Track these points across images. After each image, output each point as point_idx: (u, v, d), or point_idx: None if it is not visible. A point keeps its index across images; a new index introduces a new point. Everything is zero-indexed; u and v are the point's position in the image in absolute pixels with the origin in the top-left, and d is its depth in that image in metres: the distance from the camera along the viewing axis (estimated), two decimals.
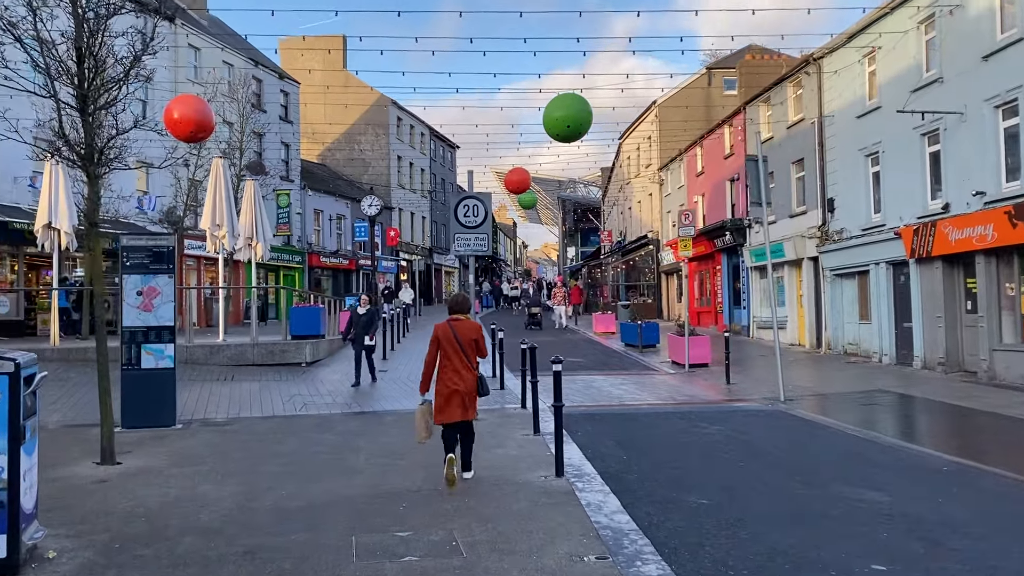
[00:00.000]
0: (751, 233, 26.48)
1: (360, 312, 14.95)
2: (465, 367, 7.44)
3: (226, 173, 19.07)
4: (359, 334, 14.67)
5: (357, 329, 14.70)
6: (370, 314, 15.00)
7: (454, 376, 7.37)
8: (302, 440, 9.84)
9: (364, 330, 14.67)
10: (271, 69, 37.98)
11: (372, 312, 15.17)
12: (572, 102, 11.19)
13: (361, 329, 14.66)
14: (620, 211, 49.25)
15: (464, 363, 7.44)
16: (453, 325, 7.53)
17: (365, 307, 15.15)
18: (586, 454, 8.80)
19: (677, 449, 9.42)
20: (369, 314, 14.97)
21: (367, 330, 14.75)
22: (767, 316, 25.84)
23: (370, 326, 14.91)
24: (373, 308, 15.29)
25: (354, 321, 14.79)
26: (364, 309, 15.03)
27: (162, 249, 11.17)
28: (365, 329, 14.69)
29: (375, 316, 15.24)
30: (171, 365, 11.07)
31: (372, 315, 15.07)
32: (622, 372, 18.32)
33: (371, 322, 14.97)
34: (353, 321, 14.82)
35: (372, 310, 15.26)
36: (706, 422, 11.39)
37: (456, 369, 7.39)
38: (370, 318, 14.90)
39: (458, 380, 7.37)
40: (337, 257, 42.27)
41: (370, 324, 14.91)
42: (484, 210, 11.59)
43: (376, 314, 15.31)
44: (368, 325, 14.84)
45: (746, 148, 26.92)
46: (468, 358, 7.47)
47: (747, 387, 15.73)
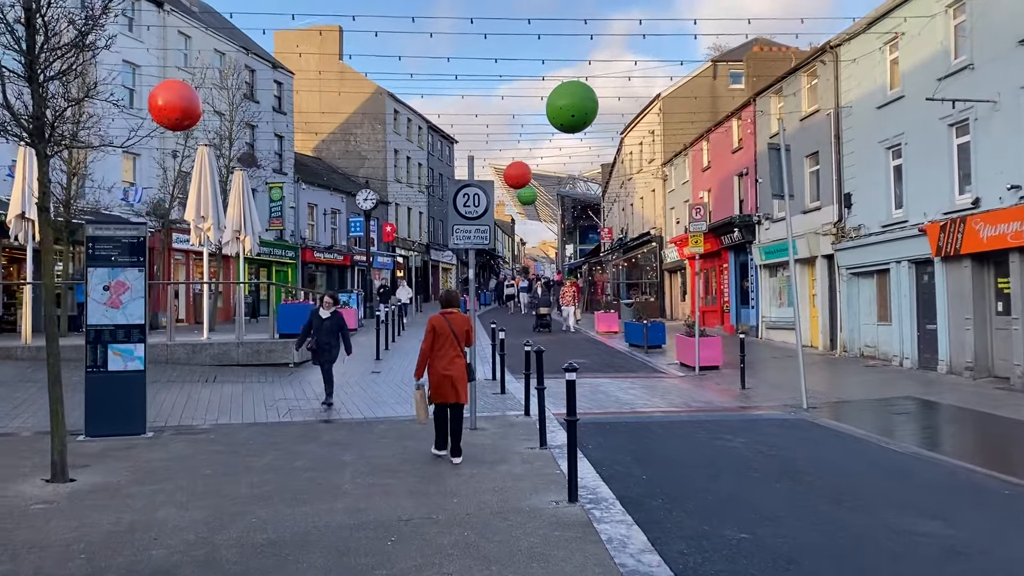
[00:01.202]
0: (760, 230, 25.49)
1: (323, 315, 12.09)
2: (458, 355, 8.32)
3: (212, 162, 18.04)
4: (323, 343, 11.96)
5: (320, 335, 11.98)
6: (338, 319, 12.19)
7: (448, 363, 8.21)
8: (282, 453, 8.83)
9: (330, 338, 12.02)
10: (264, 58, 36.91)
11: (339, 318, 12.27)
12: (577, 90, 10.37)
13: (326, 337, 12.00)
14: (621, 207, 48.24)
15: (457, 351, 8.31)
16: (448, 317, 8.42)
17: (330, 309, 12.20)
18: (600, 473, 7.81)
19: (702, 466, 8.42)
20: (337, 319, 12.17)
21: (334, 338, 12.05)
22: (776, 316, 24.87)
23: (338, 334, 12.08)
24: (340, 312, 12.43)
25: (315, 327, 12.04)
26: (329, 312, 12.15)
27: (132, 240, 10.16)
28: (332, 336, 12.05)
29: (343, 322, 12.34)
30: (141, 367, 10.07)
31: (340, 321, 12.24)
32: (629, 375, 17.33)
33: (339, 329, 12.12)
34: (314, 327, 12.03)
35: (339, 315, 12.33)
36: (728, 433, 10.41)
37: (450, 357, 8.25)
38: (338, 324, 12.15)
39: (451, 366, 8.22)
40: (332, 252, 41.24)
41: (338, 332, 12.11)
42: (486, 199, 10.57)
43: (343, 320, 12.34)
44: (334, 333, 12.07)
45: (756, 141, 25.94)
46: (460, 346, 8.35)
47: (764, 392, 14.75)
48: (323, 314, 12.09)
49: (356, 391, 13.68)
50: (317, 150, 48.08)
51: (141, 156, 27.37)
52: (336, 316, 12.14)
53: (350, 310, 26.18)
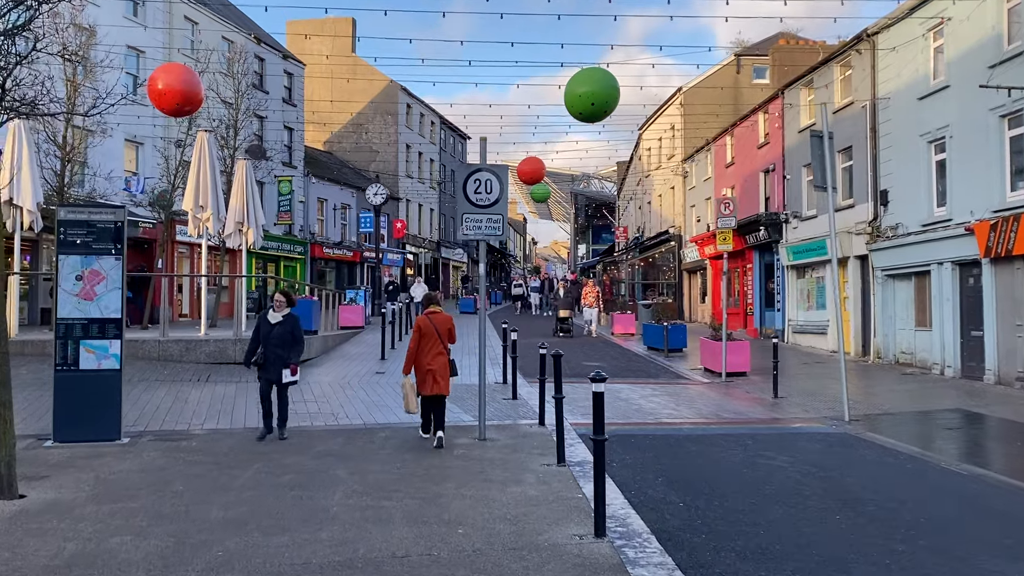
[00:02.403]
0: (788, 228, 24.30)
1: (272, 321, 9.30)
2: (440, 351, 9.04)
3: (212, 149, 17.11)
4: (271, 356, 9.20)
5: (268, 346, 9.21)
6: (291, 325, 9.36)
7: (431, 359, 8.96)
8: (268, 465, 7.82)
9: (281, 350, 9.22)
10: (275, 48, 36.00)
11: (293, 322, 9.43)
12: (597, 76, 9.47)
13: (275, 348, 9.20)
14: (638, 206, 47.07)
15: (440, 348, 9.04)
16: (431, 317, 9.17)
17: (281, 312, 9.38)
18: (630, 498, 6.76)
19: (745, 491, 7.34)
20: (289, 325, 9.34)
21: (285, 350, 9.24)
22: (804, 320, 23.69)
23: (290, 345, 9.30)
24: (295, 315, 9.58)
25: (262, 335, 9.31)
26: (280, 316, 9.34)
27: (108, 225, 9.19)
28: (282, 348, 9.22)
29: (297, 329, 9.46)
30: (116, 366, 9.10)
31: (293, 327, 9.39)
32: (650, 381, 16.24)
33: (292, 339, 9.33)
34: (261, 335, 9.32)
35: (294, 319, 9.47)
36: (769, 450, 9.31)
37: (433, 354, 8.98)
38: (290, 332, 9.32)
39: (434, 362, 8.96)
40: (341, 248, 40.31)
41: (291, 342, 9.31)
42: (499, 186, 9.53)
43: (298, 325, 9.49)
44: (287, 343, 9.26)
45: (784, 136, 24.77)
46: (443, 343, 9.08)
47: (799, 402, 13.63)
48: (272, 318, 9.30)
49: (358, 393, 12.68)
50: (328, 144, 47.19)
51: (144, 145, 26.52)
52: (290, 321, 9.38)
53: (357, 307, 25.22)
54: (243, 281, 21.41)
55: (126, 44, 25.14)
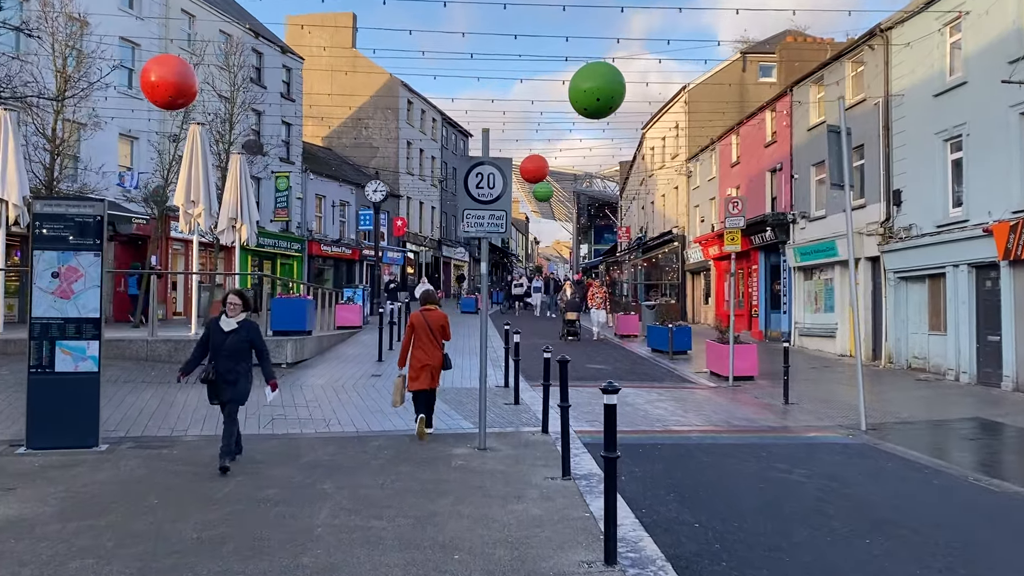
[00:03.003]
0: (796, 229, 23.77)
1: (225, 328, 7.64)
2: (434, 347, 9.27)
3: (204, 142, 16.54)
4: (223, 371, 7.56)
5: (219, 359, 7.57)
6: (248, 334, 7.72)
7: (425, 354, 9.21)
8: (252, 478, 7.30)
9: (234, 363, 7.61)
10: (273, 42, 35.47)
11: (251, 331, 7.77)
12: (603, 71, 8.98)
13: (228, 361, 7.58)
14: (641, 206, 46.54)
15: (433, 344, 9.28)
16: (425, 314, 9.42)
17: (237, 317, 7.71)
18: (641, 518, 6.23)
19: (764, 510, 6.81)
20: (246, 333, 7.69)
21: (239, 365, 7.64)
22: (811, 322, 23.16)
23: (242, 356, 7.67)
24: (253, 321, 7.95)
25: (212, 345, 7.66)
26: (235, 322, 7.68)
27: (87, 219, 8.66)
28: (236, 361, 7.61)
29: (257, 338, 7.81)
30: (94, 368, 8.58)
31: (252, 337, 7.75)
32: (656, 384, 15.71)
33: (251, 351, 7.76)
34: (211, 345, 7.66)
35: (252, 327, 7.81)
36: (784, 462, 8.79)
37: (427, 349, 9.23)
38: (247, 342, 7.70)
39: (428, 357, 9.20)
40: (340, 246, 39.77)
41: (249, 355, 7.76)
42: (502, 180, 9.02)
43: (257, 334, 7.86)
44: (242, 356, 7.67)
45: (792, 134, 24.24)
46: (436, 340, 9.31)
47: (811, 409, 13.10)
48: (225, 325, 7.63)
49: (352, 397, 12.16)
50: (327, 140, 46.67)
51: (139, 139, 26.01)
52: (247, 329, 7.68)
53: (355, 306, 24.69)
54: (236, 279, 20.89)
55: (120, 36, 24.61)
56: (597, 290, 26.32)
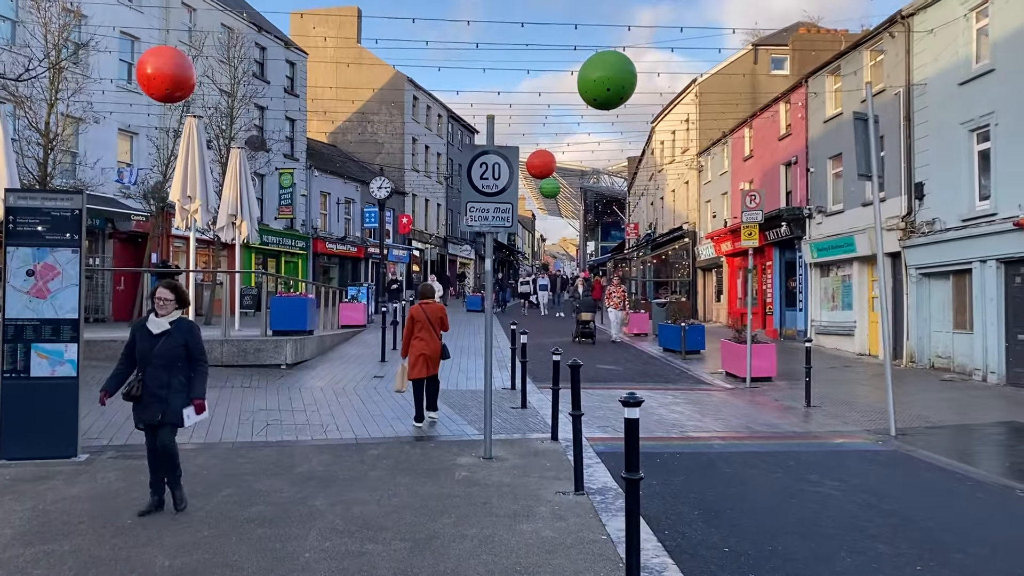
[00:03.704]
0: (812, 224, 23.07)
1: (154, 331, 6.05)
2: (433, 338, 9.81)
3: (201, 136, 15.98)
4: (151, 383, 5.98)
5: (147, 372, 6.00)
6: (182, 336, 6.07)
7: (424, 345, 9.74)
8: (238, 492, 6.71)
9: (166, 374, 5.99)
10: (276, 37, 34.92)
11: (187, 333, 6.12)
12: (612, 60, 8.56)
13: (157, 371, 5.98)
14: (650, 201, 45.84)
15: (432, 334, 9.81)
16: (423, 307, 9.96)
17: (168, 317, 6.10)
18: (663, 540, 5.62)
19: (799, 530, 6.19)
20: (180, 336, 6.06)
21: (171, 376, 6.01)
22: (828, 320, 22.48)
23: (176, 365, 6.03)
24: (190, 321, 6.42)
25: (139, 352, 6.06)
26: (166, 322, 6.07)
27: (64, 213, 8.07)
28: (168, 371, 6.00)
29: (193, 341, 6.12)
30: (73, 373, 8.00)
31: (187, 339, 6.09)
32: (670, 386, 15.08)
33: (187, 358, 6.08)
34: (137, 352, 6.07)
35: (188, 328, 6.18)
36: (813, 472, 8.16)
37: (425, 339, 9.77)
38: (182, 347, 6.04)
39: (426, 347, 9.73)
40: (345, 244, 39.24)
41: (184, 363, 6.07)
42: (508, 170, 8.40)
43: (194, 336, 6.15)
44: (175, 365, 6.03)
45: (807, 126, 23.54)
46: (435, 331, 9.85)
47: (834, 412, 12.46)
48: (154, 326, 6.04)
49: (352, 400, 11.57)
50: (332, 137, 46.14)
51: (139, 135, 25.50)
52: (182, 331, 6.07)
53: (359, 305, 24.13)
54: (237, 277, 20.36)
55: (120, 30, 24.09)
56: (615, 289, 24.23)
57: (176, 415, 6.08)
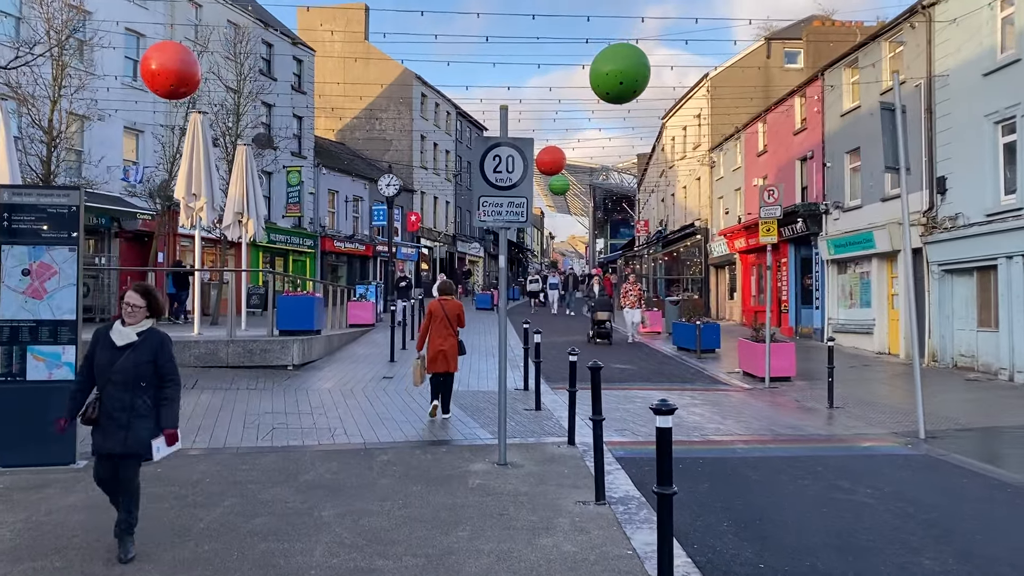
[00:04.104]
0: (828, 220, 22.62)
1: (119, 343, 5.02)
2: (450, 333, 9.94)
3: (206, 132, 15.67)
4: (111, 404, 4.97)
5: (106, 391, 5.00)
6: (151, 350, 5.02)
7: (442, 340, 9.86)
8: (241, 502, 6.39)
9: (128, 394, 4.97)
10: (283, 33, 34.64)
11: (158, 345, 5.06)
12: (625, 53, 8.42)
13: (119, 391, 4.96)
14: (661, 198, 45.38)
15: (449, 331, 9.93)
16: (442, 303, 10.09)
17: (137, 326, 5.06)
18: (692, 554, 5.26)
19: (836, 543, 5.81)
20: (150, 350, 5.02)
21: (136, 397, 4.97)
22: (846, 318, 22.02)
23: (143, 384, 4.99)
24: (162, 332, 5.20)
25: (97, 365, 5.05)
26: (134, 332, 5.04)
27: (60, 209, 7.76)
28: (132, 391, 4.97)
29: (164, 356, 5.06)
30: (71, 376, 7.65)
31: (157, 353, 5.04)
32: (687, 387, 14.69)
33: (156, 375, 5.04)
34: (96, 366, 5.06)
35: (159, 340, 5.11)
36: (844, 478, 7.77)
37: (443, 335, 9.88)
38: (150, 362, 5.02)
39: (443, 343, 9.86)
40: (353, 242, 38.95)
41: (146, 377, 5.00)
42: (523, 163, 8.05)
43: (165, 350, 5.07)
44: (141, 384, 4.99)
45: (824, 120, 23.08)
46: (452, 327, 9.96)
47: (858, 413, 12.05)
48: (119, 336, 5.03)
49: (360, 402, 11.24)
50: (340, 135, 45.86)
51: (144, 133, 25.25)
52: (151, 344, 5.03)
53: (367, 303, 23.80)
54: (244, 276, 20.07)
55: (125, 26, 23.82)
56: (631, 287, 23.19)
57: (142, 445, 5.00)
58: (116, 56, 23.29)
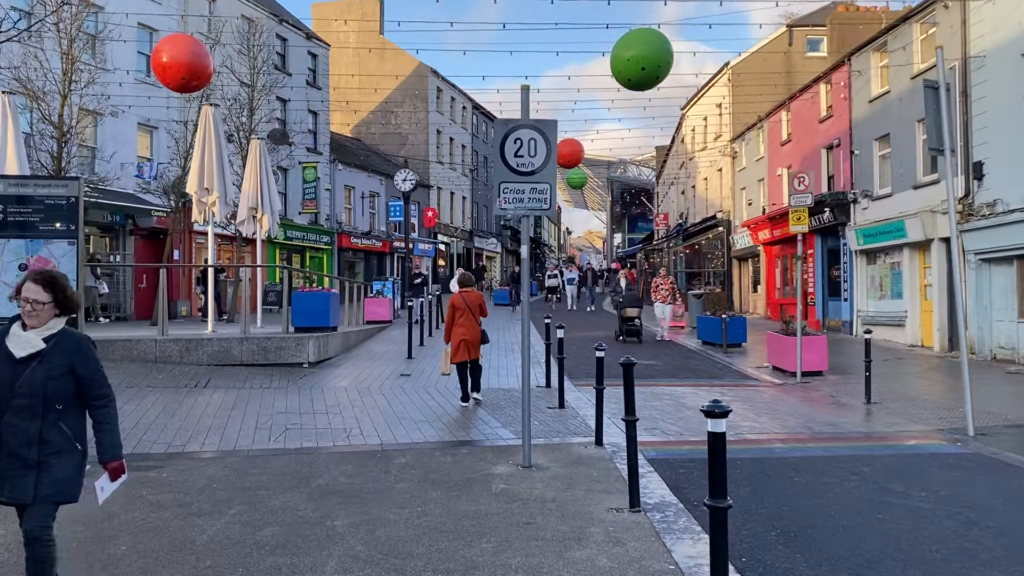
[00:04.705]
0: (857, 209, 21.94)
1: (20, 353, 3.65)
2: (472, 324, 10.36)
3: (218, 125, 15.31)
4: (13, 440, 3.64)
5: (7, 417, 3.65)
6: (66, 359, 3.71)
7: (465, 330, 10.31)
8: (249, 511, 5.97)
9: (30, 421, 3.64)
10: (298, 28, 34.30)
11: (75, 350, 3.75)
12: (647, 38, 8.12)
13: (21, 418, 3.64)
14: (680, 191, 44.70)
15: (472, 321, 10.36)
16: (464, 295, 10.51)
17: (43, 330, 3.70)
18: (742, 568, 4.81)
19: (899, 556, 5.30)
20: (63, 359, 3.71)
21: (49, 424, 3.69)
22: (876, 310, 21.36)
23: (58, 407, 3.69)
24: (79, 334, 3.87)
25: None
26: (39, 338, 3.68)
27: (59, 201, 7.39)
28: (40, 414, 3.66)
29: (87, 367, 3.77)
30: None
31: (73, 363, 3.73)
32: (715, 382, 14.16)
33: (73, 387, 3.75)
34: None
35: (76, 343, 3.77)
36: (894, 480, 7.24)
37: (466, 325, 10.32)
38: (65, 375, 3.71)
39: (467, 332, 10.30)
40: (370, 238, 38.63)
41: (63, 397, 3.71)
42: (546, 146, 7.56)
43: (87, 356, 3.77)
44: (52, 401, 3.67)
45: (851, 107, 22.39)
46: (475, 317, 10.40)
47: (898, 409, 11.47)
48: (18, 346, 3.68)
49: (377, 401, 10.82)
50: (356, 130, 45.53)
51: (158, 129, 24.98)
52: (66, 351, 3.74)
53: (384, 300, 23.42)
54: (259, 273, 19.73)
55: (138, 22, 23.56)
56: (662, 280, 21.66)
57: (64, 489, 3.79)
58: (129, 52, 23.03)
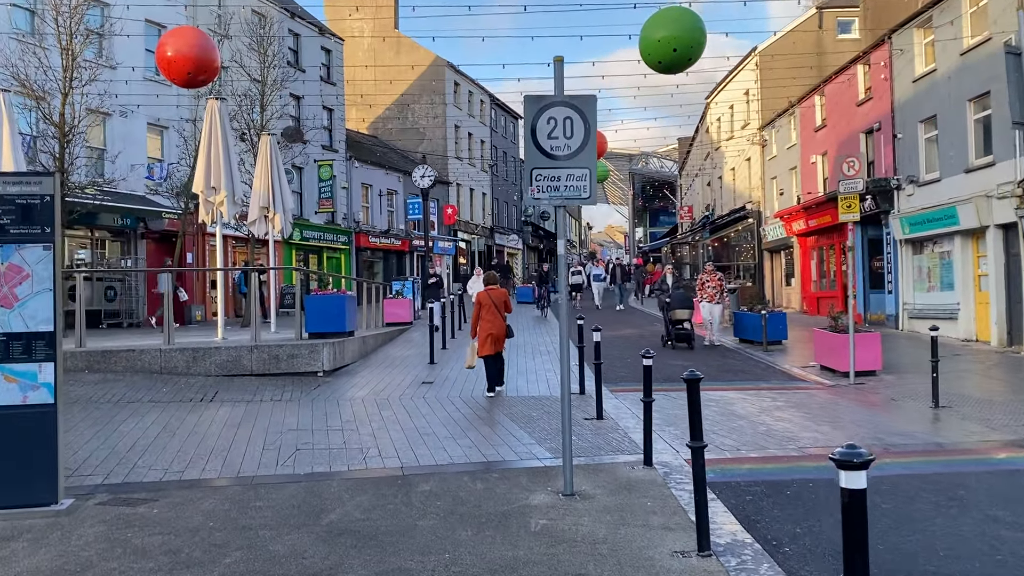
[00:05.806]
0: (901, 196, 20.72)
1: None
2: (497, 319, 11.04)
3: (225, 120, 14.48)
4: None
5: None
6: None
7: (491, 325, 10.97)
8: (247, 555, 5.06)
9: None
10: (311, 23, 33.50)
11: None
12: (678, 16, 7.56)
13: None
14: (706, 182, 43.45)
15: (496, 316, 11.03)
16: (489, 292, 11.23)
17: None
18: None
19: None
20: None
21: None
22: (923, 303, 20.16)
23: None
24: None
25: None
26: None
27: (32, 200, 6.49)
28: None
29: None
30: (50, 399, 6.43)
31: None
32: (761, 385, 13.10)
33: None
34: None
35: None
36: (997, 506, 6.19)
37: (492, 321, 10.98)
38: None
39: (492, 327, 10.96)
40: (388, 237, 37.79)
41: None
42: (584, 126, 6.58)
43: None
44: None
45: (893, 88, 21.16)
46: (500, 312, 11.09)
47: (974, 415, 10.37)
48: None
49: (398, 414, 9.89)
50: (373, 128, 44.73)
51: (168, 130, 24.26)
52: None
53: (404, 300, 22.54)
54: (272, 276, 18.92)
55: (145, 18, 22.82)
56: (709, 277, 19.05)
57: None
58: (136, 49, 22.32)
